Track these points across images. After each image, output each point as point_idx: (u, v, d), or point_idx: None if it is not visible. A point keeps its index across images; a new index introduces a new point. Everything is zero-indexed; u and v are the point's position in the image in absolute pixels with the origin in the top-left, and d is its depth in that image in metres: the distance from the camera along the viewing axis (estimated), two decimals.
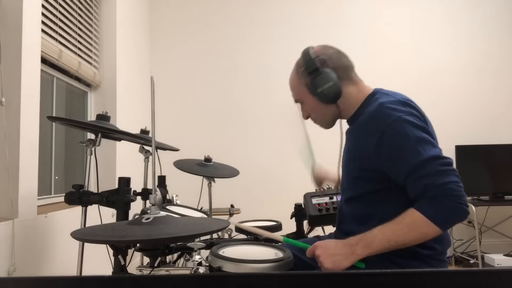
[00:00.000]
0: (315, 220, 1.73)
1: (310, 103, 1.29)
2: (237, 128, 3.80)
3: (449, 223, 1.05)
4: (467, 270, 0.47)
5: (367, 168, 1.16)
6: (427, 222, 1.01)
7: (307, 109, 1.32)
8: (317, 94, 1.23)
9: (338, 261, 1.06)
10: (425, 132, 1.10)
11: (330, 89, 1.22)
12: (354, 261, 1.06)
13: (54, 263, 1.84)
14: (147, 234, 0.93)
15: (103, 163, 2.64)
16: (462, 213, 1.02)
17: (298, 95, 1.31)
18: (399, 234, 1.04)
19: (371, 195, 1.18)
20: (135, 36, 3.41)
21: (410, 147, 1.06)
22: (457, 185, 1.02)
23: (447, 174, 1.03)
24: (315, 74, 1.22)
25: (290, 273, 0.50)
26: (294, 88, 1.32)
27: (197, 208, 2.03)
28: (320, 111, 1.30)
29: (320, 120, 1.34)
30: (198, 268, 1.20)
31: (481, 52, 3.86)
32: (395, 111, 1.10)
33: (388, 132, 1.09)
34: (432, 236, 1.04)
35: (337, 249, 1.08)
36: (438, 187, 1.02)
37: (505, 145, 3.54)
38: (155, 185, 1.12)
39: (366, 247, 1.05)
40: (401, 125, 1.08)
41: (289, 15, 3.89)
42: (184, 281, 0.49)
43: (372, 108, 1.15)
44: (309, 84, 1.24)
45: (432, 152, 1.05)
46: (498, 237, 3.62)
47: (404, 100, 1.16)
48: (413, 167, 1.05)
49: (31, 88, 1.68)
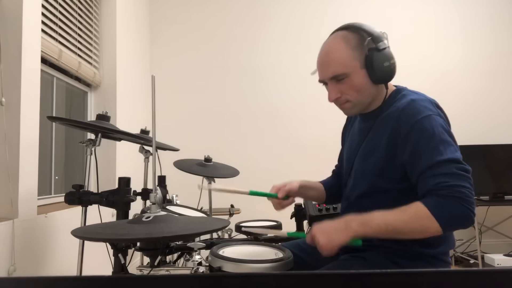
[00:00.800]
0: (315, 220, 1.73)
1: (359, 80, 1.15)
2: (237, 128, 3.80)
3: (452, 224, 1.03)
4: (467, 270, 0.47)
5: (389, 162, 1.14)
6: (430, 217, 1.00)
7: (346, 88, 1.17)
8: (375, 69, 1.13)
9: (333, 236, 1.04)
10: (450, 136, 1.10)
11: (389, 67, 1.13)
12: (349, 236, 1.03)
13: (54, 263, 1.84)
14: (147, 232, 0.93)
15: (103, 163, 2.64)
16: (467, 218, 1.01)
17: (347, 68, 1.15)
18: (398, 220, 1.03)
19: (386, 193, 1.16)
20: (135, 36, 3.41)
21: (434, 145, 1.06)
22: (468, 190, 1.01)
23: (461, 178, 1.02)
24: (381, 47, 1.13)
25: (290, 273, 0.50)
26: (341, 60, 1.16)
27: (197, 208, 2.04)
28: (365, 91, 1.17)
29: (357, 101, 1.19)
30: (198, 268, 1.20)
31: (481, 52, 3.86)
32: (426, 109, 1.10)
33: (417, 127, 1.08)
34: (431, 233, 1.02)
35: (331, 225, 1.07)
36: (449, 188, 1.01)
37: (505, 145, 3.54)
38: (156, 184, 1.12)
39: (362, 224, 1.04)
40: (429, 123, 1.08)
41: (290, 15, 3.89)
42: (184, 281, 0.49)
43: (402, 104, 1.14)
44: (369, 57, 1.13)
45: (453, 155, 1.05)
46: (498, 237, 3.62)
47: (434, 101, 1.17)
48: (431, 164, 1.04)
49: (31, 88, 1.68)
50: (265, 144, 3.77)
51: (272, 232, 1.24)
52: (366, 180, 1.22)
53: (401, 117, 1.12)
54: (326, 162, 1.80)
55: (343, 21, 1.28)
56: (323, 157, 3.79)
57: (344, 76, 1.16)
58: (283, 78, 3.83)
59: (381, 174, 1.16)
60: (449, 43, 3.87)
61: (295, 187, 1.35)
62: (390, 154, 1.13)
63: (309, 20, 3.88)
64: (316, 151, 3.72)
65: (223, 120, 3.81)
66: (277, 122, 3.80)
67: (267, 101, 3.82)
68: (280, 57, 3.85)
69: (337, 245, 1.04)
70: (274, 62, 3.85)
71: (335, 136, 1.54)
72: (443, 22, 3.89)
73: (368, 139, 1.23)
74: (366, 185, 1.21)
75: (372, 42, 1.14)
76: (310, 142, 3.75)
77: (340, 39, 1.18)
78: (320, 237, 1.05)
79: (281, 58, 3.85)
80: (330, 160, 1.63)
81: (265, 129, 3.79)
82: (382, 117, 1.19)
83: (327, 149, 3.77)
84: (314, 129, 3.78)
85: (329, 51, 1.19)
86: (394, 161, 1.13)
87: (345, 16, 3.81)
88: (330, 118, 3.44)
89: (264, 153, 3.76)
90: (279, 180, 1.45)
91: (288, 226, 1.91)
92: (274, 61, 3.85)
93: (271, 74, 3.84)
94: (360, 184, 1.24)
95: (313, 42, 3.69)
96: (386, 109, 1.19)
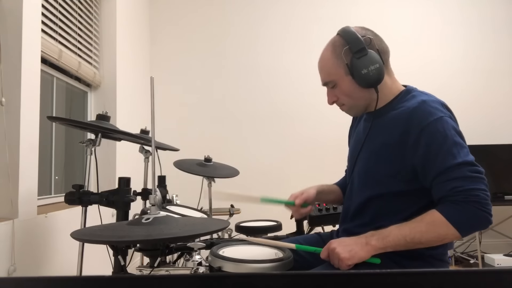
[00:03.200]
0: (315, 220, 1.73)
1: (346, 86, 1.19)
2: (237, 128, 3.80)
3: (470, 229, 1.04)
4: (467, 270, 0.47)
5: (397, 164, 1.13)
6: (447, 224, 1.00)
7: (338, 93, 1.22)
8: (359, 76, 1.15)
9: (354, 251, 1.05)
10: (462, 138, 1.10)
11: (374, 71, 1.14)
12: (370, 252, 1.05)
13: (54, 263, 1.84)
14: (147, 234, 0.93)
15: (103, 163, 2.64)
16: (485, 221, 1.01)
17: (332, 76, 1.21)
18: (416, 231, 1.03)
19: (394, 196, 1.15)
20: (135, 36, 3.41)
21: (447, 149, 1.05)
22: (484, 193, 1.01)
23: (476, 181, 1.02)
24: (361, 54, 1.14)
25: (290, 273, 0.50)
26: (327, 69, 1.22)
27: (197, 208, 2.03)
28: (355, 96, 1.20)
29: (351, 105, 1.24)
30: (198, 268, 1.20)
31: (481, 52, 3.86)
32: (438, 111, 1.10)
33: (428, 129, 1.08)
34: (450, 239, 1.04)
35: (352, 240, 1.09)
36: (464, 192, 1.01)
37: (505, 145, 3.54)
38: (155, 185, 1.12)
39: (381, 239, 1.05)
40: (442, 125, 1.08)
41: (291, 15, 3.89)
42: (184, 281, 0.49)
43: (413, 104, 1.13)
44: (351, 65, 1.15)
45: (466, 158, 1.05)
46: (498, 237, 3.62)
47: (443, 102, 1.16)
48: (444, 169, 1.04)
49: (31, 88, 1.68)
50: (265, 144, 3.77)
51: (280, 245, 1.23)
52: (370, 179, 1.21)
53: (412, 118, 1.11)
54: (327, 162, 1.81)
55: (343, 21, 1.28)
56: (324, 157, 3.80)
57: (333, 83, 1.22)
58: (284, 78, 3.83)
59: (388, 174, 1.16)
60: (450, 44, 3.87)
61: (312, 194, 1.36)
62: (400, 154, 1.12)
63: (310, 19, 3.88)
64: (316, 151, 3.72)
65: (223, 120, 3.81)
66: (277, 122, 3.80)
67: (268, 101, 3.82)
68: (280, 57, 3.85)
69: (357, 260, 1.05)
70: (274, 62, 3.85)
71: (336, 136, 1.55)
72: (445, 22, 3.89)
73: (374, 137, 1.22)
74: (372, 184, 1.20)
75: (349, 51, 1.16)
76: (310, 142, 3.75)
77: (330, 46, 1.23)
78: (340, 250, 1.06)
79: (281, 58, 3.85)
80: (331, 160, 1.64)
81: (265, 129, 3.79)
82: (390, 116, 1.18)
83: (327, 149, 3.78)
84: (315, 129, 3.78)
85: (320, 59, 1.25)
86: (403, 161, 1.12)
87: (345, 16, 3.81)
88: (331, 118, 3.45)
89: (264, 153, 3.76)
90: (279, 180, 1.45)
91: (288, 226, 1.91)
92: (274, 61, 3.85)
93: (272, 74, 3.84)
94: (366, 182, 1.23)
95: (313, 42, 3.71)
96: (395, 108, 1.18)
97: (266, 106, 3.81)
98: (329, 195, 1.46)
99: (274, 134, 3.78)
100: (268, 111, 3.81)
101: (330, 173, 1.70)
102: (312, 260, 1.26)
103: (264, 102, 3.82)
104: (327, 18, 3.82)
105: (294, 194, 1.35)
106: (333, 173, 1.68)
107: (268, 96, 3.82)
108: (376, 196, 1.18)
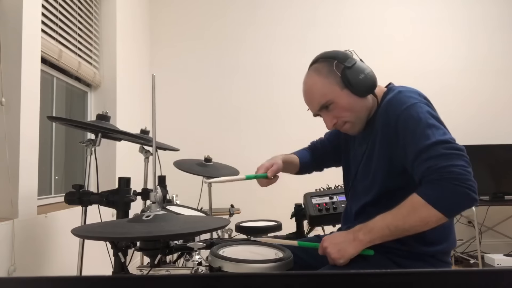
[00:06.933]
0: (315, 220, 1.73)
1: (344, 101, 1.18)
2: (237, 128, 3.80)
3: (451, 207, 0.99)
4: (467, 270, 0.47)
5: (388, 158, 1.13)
6: (427, 205, 0.98)
7: (337, 112, 1.20)
8: (356, 85, 1.15)
9: (343, 249, 1.07)
10: (438, 121, 1.09)
11: (367, 77, 1.15)
12: (359, 247, 1.06)
13: (54, 263, 1.84)
14: (147, 231, 0.93)
15: (103, 163, 2.64)
16: (465, 198, 0.96)
17: (327, 96, 1.19)
18: (398, 218, 1.02)
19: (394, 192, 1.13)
20: (135, 36, 3.41)
21: (420, 131, 1.05)
22: (462, 168, 0.97)
23: (451, 157, 0.99)
24: (351, 63, 1.16)
25: (290, 273, 0.50)
26: (319, 92, 1.20)
27: (197, 208, 2.04)
28: (356, 108, 1.19)
29: (354, 120, 1.21)
30: (198, 268, 1.20)
31: (481, 52, 3.86)
32: (411, 98, 1.11)
33: (403, 116, 1.09)
34: (434, 222, 1.00)
35: (341, 237, 1.10)
36: (439, 170, 0.98)
37: (505, 145, 3.54)
38: (156, 184, 1.12)
39: (367, 232, 1.06)
40: (415, 110, 1.08)
41: (290, 15, 3.89)
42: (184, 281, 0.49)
43: (389, 97, 1.16)
44: (345, 76, 1.15)
45: (441, 137, 1.03)
46: (498, 237, 3.62)
47: (420, 92, 1.17)
48: (419, 150, 1.03)
49: (31, 88, 1.68)
50: (265, 144, 3.77)
51: (284, 242, 1.24)
52: (371, 179, 1.20)
53: (388, 110, 1.13)
54: None
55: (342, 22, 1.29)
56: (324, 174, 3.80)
57: (330, 103, 1.20)
58: (284, 78, 3.83)
59: (384, 170, 1.16)
60: (450, 43, 3.86)
61: (280, 164, 1.41)
62: (388, 147, 1.13)
63: (309, 20, 3.88)
64: None
65: (223, 120, 3.81)
66: (277, 122, 3.80)
67: (268, 101, 3.82)
68: (280, 57, 3.85)
69: (348, 257, 1.07)
70: (274, 62, 3.84)
71: None
72: (445, 22, 3.89)
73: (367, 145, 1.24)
74: (372, 184, 1.19)
75: (340, 63, 1.17)
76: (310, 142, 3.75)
77: (312, 73, 1.24)
78: (331, 250, 1.08)
79: (281, 58, 3.85)
80: None
81: (265, 129, 3.79)
82: (378, 115, 1.19)
83: None
84: (315, 129, 3.76)
85: (308, 88, 1.25)
86: (392, 154, 1.12)
87: (344, 17, 3.81)
88: None
89: (264, 153, 3.72)
90: (279, 180, 1.45)
91: (288, 226, 1.91)
92: (274, 61, 3.84)
93: (272, 74, 3.84)
94: (366, 183, 1.22)
95: (313, 42, 3.71)
96: (380, 106, 1.20)
97: (266, 106, 3.81)
98: (292, 165, 1.51)
99: (274, 134, 3.78)
100: (268, 111, 3.81)
101: (330, 173, 1.71)
102: (311, 260, 1.26)
103: (264, 102, 3.82)
104: (326, 19, 3.82)
105: (265, 165, 1.40)
106: (333, 173, 1.68)
107: (268, 96, 3.82)
108: (376, 197, 1.18)
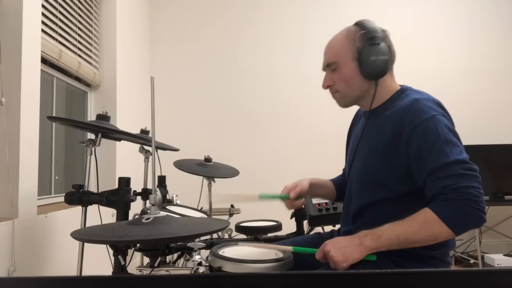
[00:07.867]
0: (315, 220, 1.73)
1: (348, 71, 1.18)
2: (237, 128, 3.80)
3: (463, 227, 1.03)
4: (467, 270, 0.47)
5: (391, 164, 1.13)
6: (440, 222, 1.00)
7: (337, 78, 1.21)
8: (365, 63, 1.14)
9: (348, 253, 1.06)
10: (456, 136, 1.09)
11: (381, 62, 1.14)
12: (363, 253, 1.06)
13: (54, 263, 1.84)
14: (147, 234, 0.93)
15: (103, 163, 2.64)
16: (477, 219, 1.00)
17: (337, 57, 1.19)
18: (409, 230, 1.03)
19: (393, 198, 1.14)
20: (135, 36, 3.41)
21: (439, 147, 1.05)
22: (477, 190, 1.00)
23: (468, 178, 1.01)
24: (374, 41, 1.14)
25: (291, 273, 0.50)
26: (336, 49, 1.21)
27: (197, 208, 2.03)
28: (353, 83, 1.19)
29: (345, 93, 1.22)
30: (198, 268, 1.20)
31: (481, 52, 3.86)
32: (430, 109, 1.09)
33: (421, 127, 1.07)
34: (443, 238, 1.03)
35: (346, 242, 1.09)
36: (457, 190, 1.00)
37: (505, 145, 3.54)
38: (155, 185, 1.12)
39: (375, 239, 1.05)
40: (434, 123, 1.07)
41: (290, 15, 3.89)
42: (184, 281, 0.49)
43: (405, 103, 1.13)
44: (362, 49, 1.15)
45: (459, 156, 1.04)
46: (498, 237, 3.62)
47: (438, 101, 1.16)
48: (437, 167, 1.03)
49: (31, 88, 1.68)
50: (265, 144, 3.77)
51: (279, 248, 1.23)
52: (367, 182, 1.20)
53: (405, 117, 1.10)
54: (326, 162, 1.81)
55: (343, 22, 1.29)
56: (324, 158, 3.80)
57: (335, 66, 1.21)
58: (284, 78, 3.83)
59: (384, 175, 1.15)
60: (451, 43, 3.86)
61: (305, 186, 1.35)
62: (394, 154, 1.12)
63: (310, 20, 3.88)
64: (316, 151, 3.72)
65: (223, 120, 3.81)
66: (277, 122, 3.80)
67: (268, 101, 3.82)
68: (280, 57, 3.85)
69: (352, 262, 1.06)
70: (274, 62, 3.84)
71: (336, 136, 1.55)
72: (446, 22, 3.89)
73: (368, 138, 1.23)
74: (369, 187, 1.20)
75: (364, 35, 1.16)
76: (310, 142, 3.75)
77: (345, 30, 1.23)
78: (334, 253, 1.07)
79: (281, 58, 3.85)
80: (330, 160, 1.64)
81: (265, 129, 3.79)
82: (383, 117, 1.18)
83: (327, 150, 3.78)
84: (315, 130, 3.78)
85: (331, 40, 1.24)
86: (397, 161, 1.12)
87: (345, 16, 3.81)
88: (331, 118, 3.45)
89: (264, 153, 3.76)
90: (279, 180, 1.45)
91: (288, 226, 1.91)
92: (274, 61, 3.84)
93: (272, 74, 3.84)
94: (363, 185, 1.22)
95: (314, 42, 3.71)
96: (389, 108, 1.18)
97: (266, 106, 3.81)
98: (322, 189, 1.46)
99: (274, 134, 3.78)
100: (268, 111, 3.81)
101: (330, 173, 1.70)
102: (312, 260, 1.26)
103: (264, 102, 3.82)
104: (327, 19, 3.82)
105: (288, 187, 1.35)
106: (333, 173, 1.68)
107: (268, 96, 3.82)
108: (374, 199, 1.18)
